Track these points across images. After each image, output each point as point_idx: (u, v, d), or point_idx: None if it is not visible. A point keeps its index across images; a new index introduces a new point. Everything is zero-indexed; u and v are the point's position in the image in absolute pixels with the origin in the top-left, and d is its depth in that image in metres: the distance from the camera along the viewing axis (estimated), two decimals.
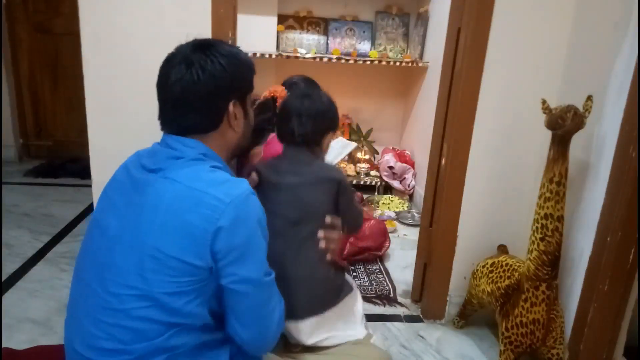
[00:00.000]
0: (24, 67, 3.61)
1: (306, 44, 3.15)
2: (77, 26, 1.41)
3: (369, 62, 3.09)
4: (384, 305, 1.98)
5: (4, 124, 3.54)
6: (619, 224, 1.29)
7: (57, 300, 1.85)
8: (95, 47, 1.43)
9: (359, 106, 3.51)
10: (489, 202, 1.76)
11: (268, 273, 1.00)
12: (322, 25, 3.28)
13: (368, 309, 1.89)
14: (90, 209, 2.74)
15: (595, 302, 1.37)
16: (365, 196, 3.18)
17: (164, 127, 1.03)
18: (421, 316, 1.91)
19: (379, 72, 3.41)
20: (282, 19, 3.17)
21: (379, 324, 1.82)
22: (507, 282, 1.50)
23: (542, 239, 1.38)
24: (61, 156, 3.67)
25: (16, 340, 1.61)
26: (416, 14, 3.29)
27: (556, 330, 1.43)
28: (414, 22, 3.32)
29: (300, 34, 3.18)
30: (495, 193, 1.75)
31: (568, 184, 1.36)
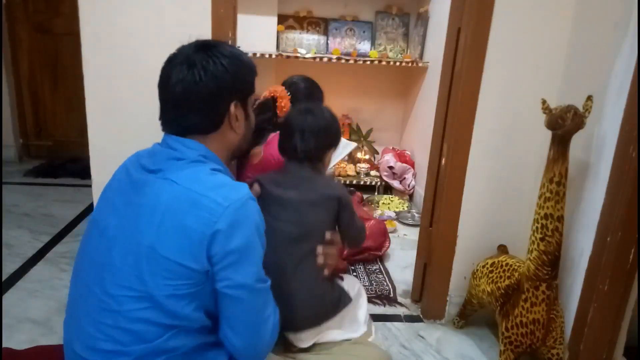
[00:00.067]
0: (24, 67, 3.61)
1: (306, 44, 3.15)
2: (77, 26, 1.41)
3: (369, 62, 3.09)
4: (384, 305, 1.98)
5: (4, 124, 3.54)
6: (619, 224, 1.29)
7: (57, 300, 1.86)
8: (95, 47, 1.43)
9: (359, 106, 3.51)
10: (489, 202, 1.76)
11: (264, 280, 0.98)
12: (322, 25, 3.28)
13: (368, 309, 1.88)
14: (90, 209, 2.75)
15: (595, 302, 1.37)
16: (365, 196, 3.18)
17: (164, 128, 1.03)
18: (421, 316, 1.91)
19: (379, 72, 3.41)
20: (282, 19, 3.17)
21: (379, 324, 1.82)
22: (507, 282, 1.50)
23: (542, 239, 1.38)
24: (61, 156, 3.67)
25: (16, 340, 1.61)
26: (416, 14, 3.30)
27: (556, 330, 1.43)
28: (414, 22, 3.32)
29: (300, 34, 3.18)
30: (495, 193, 1.75)
31: (568, 184, 1.36)
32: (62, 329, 1.02)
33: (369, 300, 1.97)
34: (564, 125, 1.30)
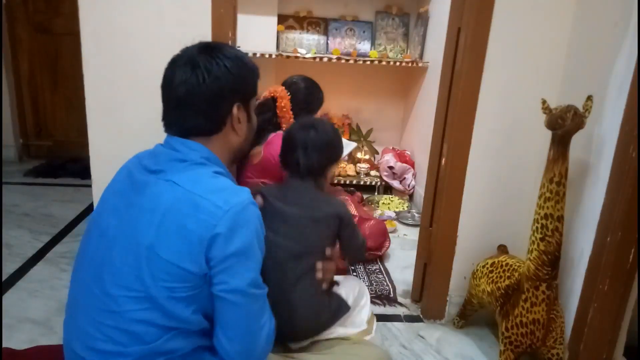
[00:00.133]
0: (24, 67, 3.61)
1: (306, 44, 3.15)
2: (77, 26, 1.41)
3: (369, 62, 3.09)
4: (384, 305, 1.98)
5: (4, 124, 3.54)
6: (619, 224, 1.29)
7: (57, 300, 1.85)
8: (95, 47, 1.43)
9: (359, 106, 3.51)
10: (489, 202, 1.76)
11: (261, 286, 0.97)
12: (322, 25, 3.28)
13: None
14: (90, 209, 2.75)
15: (595, 302, 1.37)
16: (365, 196, 3.18)
17: (167, 129, 1.03)
18: (421, 316, 1.91)
19: (379, 72, 3.41)
20: (282, 19, 3.17)
21: (379, 324, 1.82)
22: (507, 282, 1.50)
23: (542, 239, 1.38)
24: (61, 156, 3.67)
25: (16, 340, 1.61)
26: (416, 14, 3.29)
27: (556, 330, 1.43)
28: (414, 22, 3.32)
29: (300, 34, 3.18)
30: (495, 193, 1.75)
31: (568, 184, 1.36)
32: (62, 329, 1.02)
33: None
34: (564, 125, 1.30)
